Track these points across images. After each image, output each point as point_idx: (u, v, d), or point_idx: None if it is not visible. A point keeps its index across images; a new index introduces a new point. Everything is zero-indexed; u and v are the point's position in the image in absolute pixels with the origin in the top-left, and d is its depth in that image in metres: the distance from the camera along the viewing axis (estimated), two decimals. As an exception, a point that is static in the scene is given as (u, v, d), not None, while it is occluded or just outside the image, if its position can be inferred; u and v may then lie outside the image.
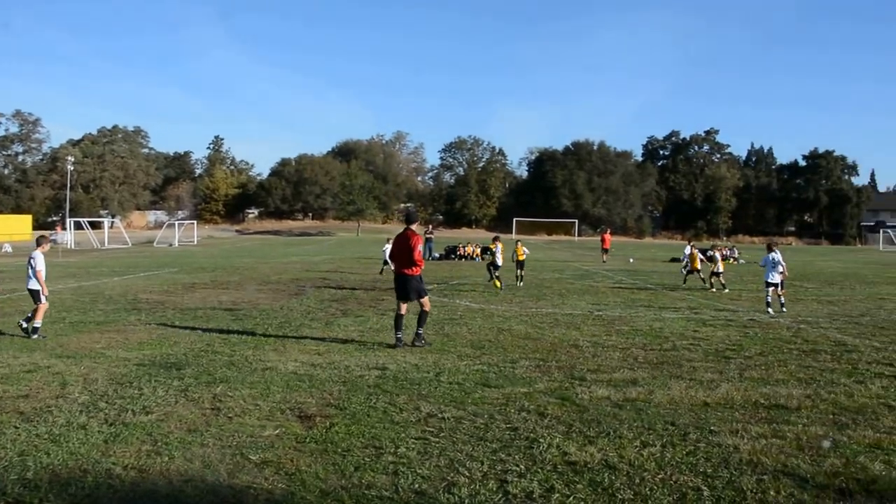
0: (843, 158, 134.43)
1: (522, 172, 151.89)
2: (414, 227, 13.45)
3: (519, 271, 26.66)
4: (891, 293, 25.42)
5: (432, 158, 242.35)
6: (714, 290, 24.88)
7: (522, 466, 6.57)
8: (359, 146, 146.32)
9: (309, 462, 6.63)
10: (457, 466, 6.56)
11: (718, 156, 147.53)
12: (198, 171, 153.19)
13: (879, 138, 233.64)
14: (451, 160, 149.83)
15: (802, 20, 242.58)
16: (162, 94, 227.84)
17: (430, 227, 52.95)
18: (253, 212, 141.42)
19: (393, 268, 14.06)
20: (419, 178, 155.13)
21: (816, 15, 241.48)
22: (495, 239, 26.42)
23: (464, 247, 46.78)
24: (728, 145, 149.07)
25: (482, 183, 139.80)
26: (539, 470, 6.49)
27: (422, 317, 13.28)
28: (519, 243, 27.25)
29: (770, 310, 18.44)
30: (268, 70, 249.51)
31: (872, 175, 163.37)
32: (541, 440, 7.32)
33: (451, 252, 45.76)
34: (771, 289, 18.97)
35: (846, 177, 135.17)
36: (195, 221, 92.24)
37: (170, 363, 11.08)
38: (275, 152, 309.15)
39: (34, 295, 13.94)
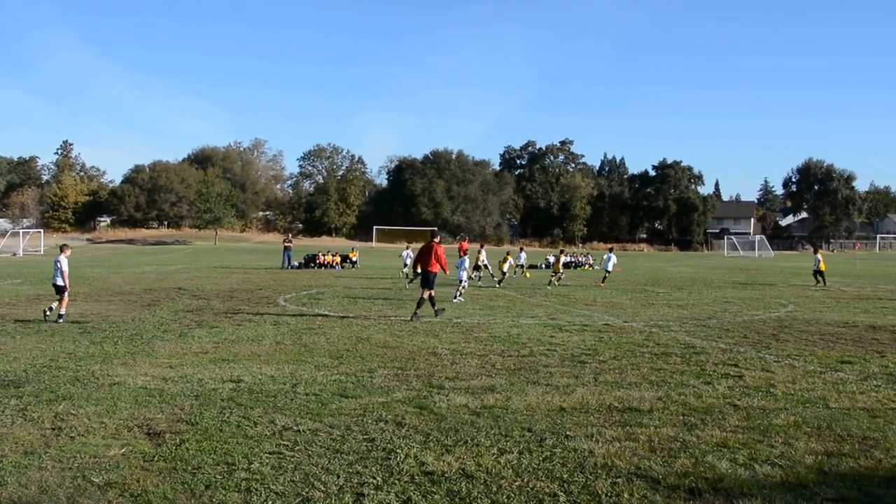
0: (690, 169, 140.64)
1: (382, 181, 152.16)
2: (436, 240, 19.04)
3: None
4: (735, 296, 26.67)
5: (291, 166, 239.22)
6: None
7: (379, 478, 6.47)
8: (216, 153, 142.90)
9: (157, 482, 6.31)
10: (312, 481, 6.39)
11: (573, 165, 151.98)
12: (45, 178, 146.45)
13: (722, 150, 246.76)
14: (310, 168, 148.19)
15: (652, 38, 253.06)
16: (4, 96, 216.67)
17: (289, 235, 52.16)
18: (105, 220, 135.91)
19: (419, 270, 18.99)
20: (278, 187, 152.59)
21: (668, 28, 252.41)
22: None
23: (323, 255, 46.28)
24: (582, 155, 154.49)
25: (342, 191, 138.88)
26: (396, 481, 6.39)
27: (431, 300, 18.52)
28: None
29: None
30: (120, 74, 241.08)
31: (717, 185, 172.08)
32: (398, 450, 7.22)
33: (310, 261, 45.21)
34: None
35: (693, 186, 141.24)
36: (42, 230, 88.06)
37: (7, 381, 10.41)
38: (128, 159, 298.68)
39: (59, 289, 17.14)
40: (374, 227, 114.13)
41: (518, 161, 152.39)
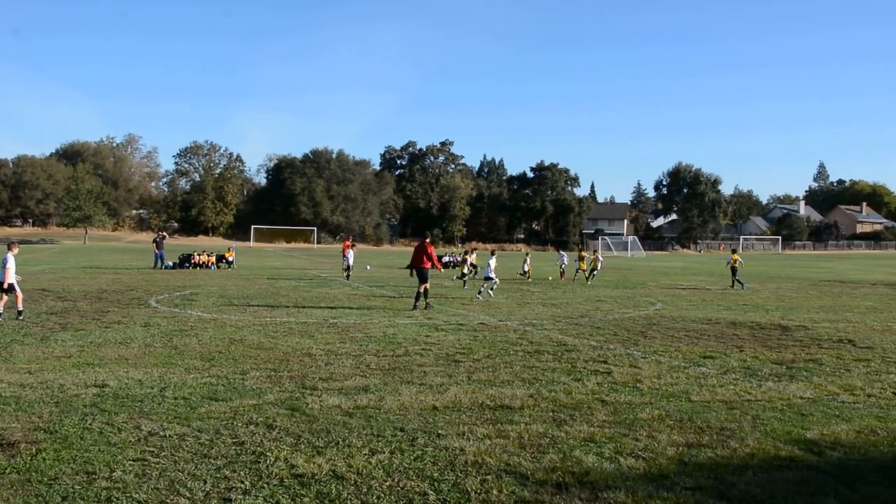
0: (567, 171, 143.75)
1: (261, 180, 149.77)
2: (427, 240, 22.21)
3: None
4: (607, 295, 27.40)
5: (167, 163, 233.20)
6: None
7: (248, 482, 6.36)
8: (86, 148, 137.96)
9: (7, 496, 6.00)
10: (177, 487, 6.22)
11: (453, 166, 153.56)
12: None
13: (597, 153, 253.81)
14: (186, 166, 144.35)
15: (531, 37, 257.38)
16: None
17: (163, 234, 50.75)
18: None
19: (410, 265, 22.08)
20: (153, 184, 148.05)
21: (546, 28, 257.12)
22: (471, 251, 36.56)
23: (198, 255, 45.18)
24: (462, 156, 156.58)
25: (219, 190, 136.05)
26: (265, 485, 6.30)
27: (425, 293, 21.32)
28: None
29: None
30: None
31: (592, 187, 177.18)
32: (268, 454, 7.13)
33: (185, 261, 44.00)
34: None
35: (569, 188, 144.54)
36: None
37: None
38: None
39: (9, 288, 17.35)
40: (253, 227, 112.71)
41: (398, 161, 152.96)
